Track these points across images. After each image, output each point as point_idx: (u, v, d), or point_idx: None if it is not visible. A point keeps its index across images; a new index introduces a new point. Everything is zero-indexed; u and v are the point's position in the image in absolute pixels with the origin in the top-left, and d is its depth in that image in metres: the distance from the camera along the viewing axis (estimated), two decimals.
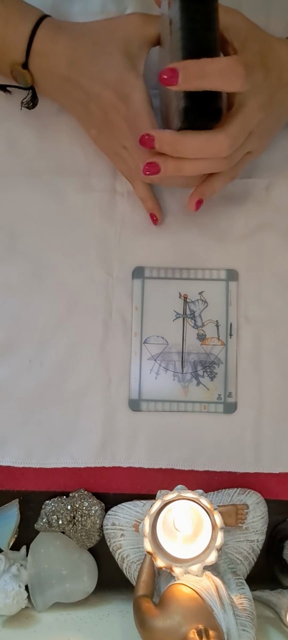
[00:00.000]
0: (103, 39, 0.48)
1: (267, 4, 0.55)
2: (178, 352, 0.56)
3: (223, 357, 0.56)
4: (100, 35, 0.49)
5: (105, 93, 0.48)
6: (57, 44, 0.49)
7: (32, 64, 0.50)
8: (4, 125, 0.57)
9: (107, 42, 0.48)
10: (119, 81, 0.47)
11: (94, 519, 0.54)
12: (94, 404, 0.56)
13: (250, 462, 0.55)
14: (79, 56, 0.49)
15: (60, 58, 0.49)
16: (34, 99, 0.54)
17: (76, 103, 0.52)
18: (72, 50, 0.49)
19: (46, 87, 0.52)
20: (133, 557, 0.53)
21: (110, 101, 0.48)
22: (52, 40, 0.49)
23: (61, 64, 0.49)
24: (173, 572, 0.46)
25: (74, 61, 0.49)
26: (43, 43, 0.49)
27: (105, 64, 0.48)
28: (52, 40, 0.49)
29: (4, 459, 0.55)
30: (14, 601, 0.52)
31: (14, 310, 0.56)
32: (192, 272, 0.56)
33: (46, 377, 0.56)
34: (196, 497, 0.47)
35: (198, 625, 0.42)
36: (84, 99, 0.50)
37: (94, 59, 0.48)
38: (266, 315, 0.56)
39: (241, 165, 0.50)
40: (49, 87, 0.52)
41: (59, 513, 0.54)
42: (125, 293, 0.56)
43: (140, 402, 0.56)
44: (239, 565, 0.52)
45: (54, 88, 0.52)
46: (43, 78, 0.51)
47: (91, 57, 0.48)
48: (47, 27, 0.49)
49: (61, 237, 0.57)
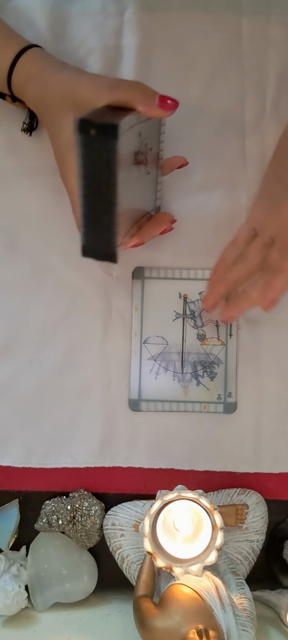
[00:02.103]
0: (56, 104, 0.48)
1: (267, 4, 0.55)
2: (178, 352, 0.56)
3: (223, 357, 0.56)
4: (54, 99, 0.48)
5: (58, 149, 0.48)
6: (27, 90, 0.50)
7: (18, 97, 0.51)
8: (4, 125, 0.57)
9: (58, 109, 0.48)
10: (64, 156, 0.48)
11: (94, 519, 0.54)
12: (94, 404, 0.56)
13: (250, 462, 0.55)
14: (40, 113, 0.50)
15: (29, 101, 0.50)
16: (32, 120, 0.55)
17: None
18: (37, 100, 0.49)
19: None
20: (133, 557, 0.53)
21: (62, 159, 0.48)
22: (23, 85, 0.50)
23: (31, 105, 0.51)
24: (173, 572, 0.46)
25: (38, 109, 0.50)
26: (17, 83, 0.50)
27: (56, 132, 0.48)
28: (23, 85, 0.50)
29: (4, 459, 0.55)
30: (14, 601, 0.52)
31: (14, 310, 0.56)
32: (192, 272, 0.56)
33: (46, 377, 0.56)
34: (196, 497, 0.47)
35: (198, 625, 0.42)
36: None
37: (49, 123, 0.49)
38: (266, 315, 0.56)
39: None
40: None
41: (59, 513, 0.54)
42: (125, 293, 0.56)
43: (140, 402, 0.56)
44: (239, 565, 0.52)
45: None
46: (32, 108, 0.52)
47: (47, 120, 0.49)
48: (22, 67, 0.49)
49: (61, 237, 0.57)
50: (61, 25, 0.55)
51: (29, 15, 0.54)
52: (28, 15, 0.54)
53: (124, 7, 0.55)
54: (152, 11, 0.54)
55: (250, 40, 0.54)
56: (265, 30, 0.55)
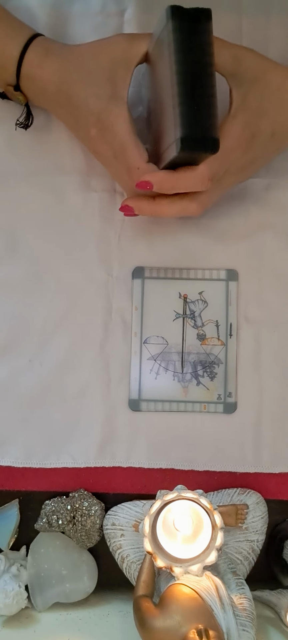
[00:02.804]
0: (88, 65, 0.48)
1: (267, 4, 0.55)
2: (178, 352, 0.56)
3: (223, 357, 0.56)
4: (86, 60, 0.48)
5: (91, 123, 0.48)
6: (44, 70, 0.49)
7: (23, 86, 0.51)
8: (4, 125, 0.57)
9: (92, 69, 0.48)
10: (103, 112, 0.47)
11: (94, 519, 0.54)
12: (94, 404, 0.56)
13: (250, 462, 0.55)
14: (65, 83, 0.49)
15: (48, 84, 0.49)
16: (28, 118, 0.54)
17: (68, 124, 0.53)
18: (59, 77, 0.49)
19: (40, 104, 0.53)
20: (133, 557, 0.53)
21: (95, 132, 0.48)
22: (40, 66, 0.49)
23: (49, 89, 0.49)
24: (173, 572, 0.46)
25: (61, 88, 0.49)
26: (31, 68, 0.49)
27: (89, 93, 0.47)
28: (39, 66, 0.49)
29: (4, 459, 0.55)
30: (14, 601, 0.52)
31: (14, 310, 0.56)
32: (192, 272, 0.56)
33: (46, 377, 0.56)
34: (196, 497, 0.47)
35: (198, 625, 0.42)
36: (74, 124, 0.51)
37: (80, 87, 0.48)
38: (266, 315, 0.56)
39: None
40: (42, 105, 0.53)
41: (59, 513, 0.54)
42: (125, 293, 0.56)
43: (140, 402, 0.56)
44: (239, 565, 0.52)
45: (47, 107, 0.53)
46: (35, 98, 0.52)
47: (77, 85, 0.48)
48: (35, 51, 0.49)
49: (61, 237, 0.57)
50: (61, 25, 0.55)
51: (29, 15, 0.54)
52: (28, 15, 0.54)
53: (124, 7, 0.55)
54: (152, 11, 0.54)
55: (250, 40, 0.54)
56: (265, 30, 0.55)
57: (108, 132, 0.48)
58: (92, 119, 0.48)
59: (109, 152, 0.49)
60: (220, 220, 0.57)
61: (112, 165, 0.50)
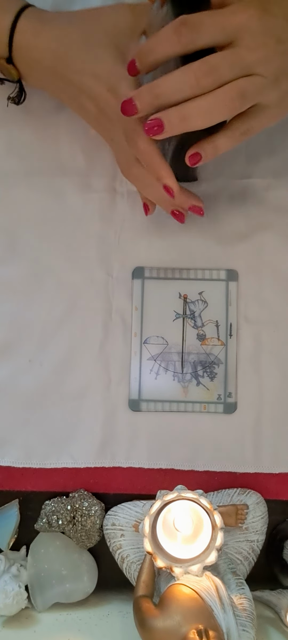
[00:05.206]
0: (91, 28, 0.47)
1: None
2: (178, 352, 0.56)
3: (223, 357, 0.56)
4: (89, 24, 0.47)
5: (95, 85, 0.46)
6: (40, 37, 0.47)
7: (16, 58, 0.49)
8: (3, 125, 0.57)
9: (96, 33, 0.46)
10: (109, 74, 0.46)
11: (94, 519, 0.54)
12: (94, 404, 0.56)
13: (250, 462, 0.55)
14: (65, 48, 0.47)
15: (44, 52, 0.47)
16: (21, 94, 0.52)
17: (66, 95, 0.50)
18: (58, 42, 0.47)
19: (34, 80, 0.51)
20: (133, 557, 0.53)
21: (100, 94, 0.46)
22: (35, 34, 0.47)
23: (46, 57, 0.47)
24: (173, 572, 0.46)
25: (60, 54, 0.47)
26: (24, 36, 0.47)
27: (94, 55, 0.46)
28: (34, 34, 0.47)
29: (4, 459, 0.55)
30: (14, 601, 0.52)
31: (14, 310, 0.56)
32: (192, 272, 0.56)
33: (46, 377, 0.56)
34: (196, 497, 0.47)
35: (198, 625, 0.42)
36: (74, 92, 0.49)
37: (82, 50, 0.46)
38: (266, 315, 0.56)
39: (250, 121, 0.43)
40: (36, 80, 0.51)
41: (59, 513, 0.54)
42: (125, 293, 0.56)
43: (140, 402, 0.56)
44: (239, 566, 0.52)
45: (42, 81, 0.51)
46: (29, 72, 0.50)
47: (79, 49, 0.46)
48: (28, 19, 0.47)
49: (61, 237, 0.57)
50: None
51: None
52: None
53: None
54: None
55: None
56: None
57: (113, 94, 0.46)
58: (96, 82, 0.46)
59: (113, 115, 0.46)
60: (220, 220, 0.57)
61: (114, 132, 0.48)
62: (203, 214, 0.50)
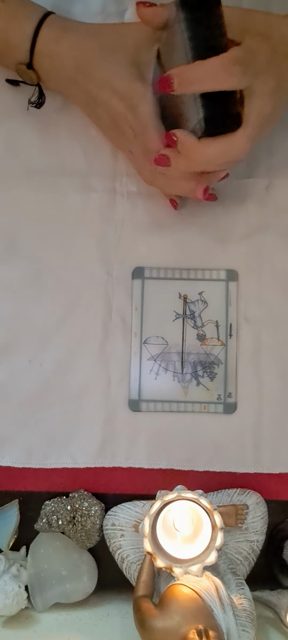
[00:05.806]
0: (113, 44, 0.48)
1: (267, 4, 0.54)
2: (178, 352, 0.56)
3: (223, 358, 0.56)
4: (110, 40, 0.48)
5: (114, 101, 0.48)
6: (62, 46, 0.48)
7: (37, 64, 0.50)
8: (4, 125, 0.57)
9: (117, 49, 0.48)
10: (128, 91, 0.47)
11: (94, 519, 0.54)
12: (94, 404, 0.56)
13: (250, 462, 0.55)
14: (86, 59, 0.48)
15: (65, 60, 0.49)
16: (41, 97, 0.54)
17: (84, 103, 0.52)
18: (79, 52, 0.48)
19: (53, 84, 0.52)
20: (133, 557, 0.53)
21: (118, 110, 0.48)
22: (56, 41, 0.48)
23: (67, 66, 0.49)
24: (173, 572, 0.46)
25: (81, 64, 0.48)
26: (46, 44, 0.49)
27: (114, 71, 0.47)
28: (56, 41, 0.48)
29: (4, 459, 0.55)
30: (13, 601, 0.52)
31: (14, 310, 0.56)
32: (192, 272, 0.56)
33: (46, 377, 0.56)
34: (196, 498, 0.47)
35: (198, 625, 0.42)
36: (91, 103, 0.50)
37: (103, 65, 0.47)
38: (266, 315, 0.56)
39: None
40: (55, 85, 0.52)
41: (59, 513, 0.54)
42: (125, 293, 0.56)
43: (140, 402, 0.56)
44: (239, 566, 0.52)
45: (60, 86, 0.52)
46: (48, 78, 0.51)
47: (99, 62, 0.48)
48: (50, 27, 0.49)
49: (61, 237, 0.57)
50: None
51: None
52: None
53: (124, 8, 0.55)
54: None
55: None
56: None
57: (131, 112, 0.47)
58: (115, 98, 0.47)
59: (130, 132, 0.48)
60: (220, 221, 0.57)
61: (131, 146, 0.50)
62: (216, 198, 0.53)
